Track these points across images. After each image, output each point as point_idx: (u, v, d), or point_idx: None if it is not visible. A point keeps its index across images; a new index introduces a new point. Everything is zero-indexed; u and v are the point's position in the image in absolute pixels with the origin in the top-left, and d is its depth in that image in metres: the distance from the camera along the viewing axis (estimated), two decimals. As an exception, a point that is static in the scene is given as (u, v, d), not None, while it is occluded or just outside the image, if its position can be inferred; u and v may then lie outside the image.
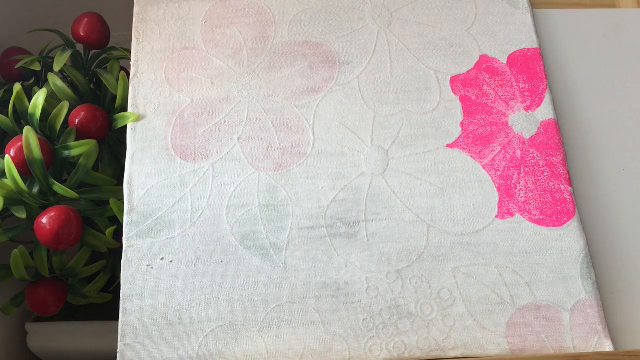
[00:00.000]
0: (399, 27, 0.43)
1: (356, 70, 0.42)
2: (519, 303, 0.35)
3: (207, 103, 0.40)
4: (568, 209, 0.38)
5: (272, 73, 0.41)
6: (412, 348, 0.34)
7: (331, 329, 0.35)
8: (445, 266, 0.36)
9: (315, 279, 0.36)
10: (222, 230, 0.37)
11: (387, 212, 0.37)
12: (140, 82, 0.41)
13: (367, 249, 0.36)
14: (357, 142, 0.39)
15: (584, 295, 0.36)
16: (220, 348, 0.34)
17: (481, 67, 0.42)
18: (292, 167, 0.39)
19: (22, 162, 0.39)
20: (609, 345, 0.34)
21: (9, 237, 0.40)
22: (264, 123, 0.40)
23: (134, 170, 0.38)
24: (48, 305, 0.42)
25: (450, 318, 0.35)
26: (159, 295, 0.35)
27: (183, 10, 0.43)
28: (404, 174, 0.39)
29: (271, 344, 0.34)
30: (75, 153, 0.41)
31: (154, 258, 0.36)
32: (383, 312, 0.35)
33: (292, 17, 0.43)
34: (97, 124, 0.43)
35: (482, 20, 0.43)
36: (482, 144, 0.40)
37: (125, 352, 0.34)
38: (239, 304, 0.35)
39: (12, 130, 0.43)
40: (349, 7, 0.44)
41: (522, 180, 0.39)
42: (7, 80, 0.51)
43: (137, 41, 0.42)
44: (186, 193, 0.38)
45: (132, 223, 0.37)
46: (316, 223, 0.37)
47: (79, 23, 0.49)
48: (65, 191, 0.39)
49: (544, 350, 0.34)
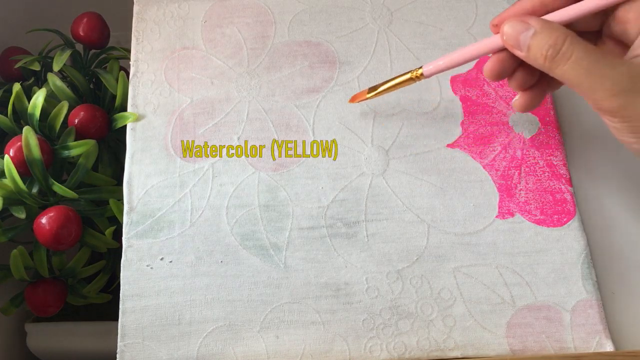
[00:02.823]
0: (399, 26, 0.43)
1: (356, 70, 0.42)
2: (519, 303, 0.35)
3: (207, 103, 0.40)
4: (568, 209, 0.38)
5: (272, 73, 0.41)
6: (412, 348, 0.34)
7: (331, 329, 0.35)
8: (446, 266, 0.36)
9: (315, 279, 0.36)
10: (222, 230, 0.37)
11: (387, 212, 0.37)
12: (139, 82, 0.41)
13: (367, 249, 0.36)
14: (357, 142, 0.39)
15: (584, 296, 0.36)
16: (220, 348, 0.34)
17: (481, 67, 0.42)
18: (292, 167, 0.39)
19: (22, 162, 0.39)
20: (609, 346, 0.34)
21: (9, 237, 0.40)
22: (264, 123, 0.40)
23: (133, 170, 0.38)
24: (48, 306, 0.42)
25: (451, 318, 0.35)
26: (158, 296, 0.35)
27: (183, 10, 0.43)
28: (404, 174, 0.38)
29: (271, 344, 0.34)
30: (75, 153, 0.41)
31: (154, 258, 0.36)
32: (383, 312, 0.35)
33: (292, 17, 0.43)
34: (96, 124, 0.43)
35: (483, 20, 0.43)
36: (482, 143, 0.40)
37: (125, 353, 0.34)
38: (238, 304, 0.35)
39: (12, 130, 0.43)
40: (349, 7, 0.44)
41: (522, 180, 0.39)
42: (7, 80, 0.51)
43: (136, 41, 0.42)
44: (186, 193, 0.37)
45: (132, 223, 0.37)
46: (316, 223, 0.37)
47: (78, 23, 0.49)
48: (65, 191, 0.39)
49: (545, 350, 0.34)
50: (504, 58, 0.32)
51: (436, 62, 0.33)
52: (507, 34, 0.30)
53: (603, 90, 0.28)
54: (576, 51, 0.28)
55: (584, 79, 0.28)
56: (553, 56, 0.29)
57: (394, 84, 0.36)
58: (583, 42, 0.28)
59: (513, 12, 0.31)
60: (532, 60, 0.30)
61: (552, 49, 0.29)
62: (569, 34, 0.29)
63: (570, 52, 0.28)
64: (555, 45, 0.29)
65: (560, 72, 0.29)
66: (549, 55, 0.29)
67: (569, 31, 0.29)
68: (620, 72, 0.28)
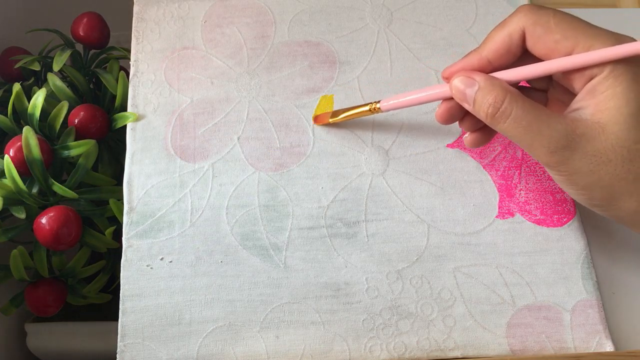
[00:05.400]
0: (399, 26, 0.43)
1: (356, 70, 0.42)
2: (519, 303, 0.35)
3: (207, 103, 0.40)
4: (569, 209, 0.38)
5: (272, 73, 0.41)
6: (412, 348, 0.34)
7: (331, 330, 0.35)
8: (446, 266, 0.36)
9: (315, 279, 0.36)
10: (221, 230, 0.37)
11: (387, 212, 0.37)
12: (139, 82, 0.41)
13: (367, 249, 0.36)
14: (357, 142, 0.39)
15: (584, 296, 0.36)
16: (220, 348, 0.34)
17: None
18: (292, 167, 0.39)
19: (22, 162, 0.39)
20: (609, 346, 0.34)
21: (8, 237, 0.40)
22: (263, 123, 0.40)
23: (133, 170, 0.38)
24: (47, 306, 0.42)
25: (451, 318, 0.35)
26: (158, 296, 0.35)
27: (183, 10, 0.43)
28: (404, 174, 0.39)
29: (271, 345, 0.34)
30: (75, 153, 0.41)
31: (154, 258, 0.36)
32: (383, 312, 0.35)
33: (292, 17, 0.43)
34: (96, 124, 0.43)
35: (483, 20, 0.43)
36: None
37: (124, 353, 0.34)
38: (238, 304, 0.35)
39: (12, 130, 0.43)
40: (349, 7, 0.44)
41: (522, 180, 0.39)
42: (7, 80, 0.51)
43: (136, 41, 0.42)
44: (186, 193, 0.37)
45: (132, 223, 0.37)
46: (316, 223, 0.37)
47: (78, 23, 0.49)
48: (65, 191, 0.39)
49: (545, 350, 0.34)
50: (453, 106, 0.33)
51: (392, 100, 0.35)
52: (455, 87, 0.31)
53: (541, 147, 0.29)
54: (515, 109, 0.29)
55: (522, 136, 0.29)
56: (493, 113, 0.30)
57: (354, 112, 0.38)
58: (522, 99, 0.29)
59: (461, 66, 0.32)
60: (476, 114, 0.31)
61: (491, 107, 0.30)
62: (509, 91, 0.30)
63: (509, 110, 0.29)
64: (495, 104, 0.30)
65: (501, 128, 0.30)
66: (490, 113, 0.30)
67: (510, 88, 0.30)
68: (557, 129, 0.29)
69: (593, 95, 0.29)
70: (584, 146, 0.28)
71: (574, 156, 0.29)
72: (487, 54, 0.32)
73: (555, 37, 0.30)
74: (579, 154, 0.29)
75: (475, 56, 0.32)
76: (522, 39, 0.31)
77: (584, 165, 0.29)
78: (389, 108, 0.36)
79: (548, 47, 0.30)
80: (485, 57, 0.32)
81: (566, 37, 0.29)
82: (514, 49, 0.31)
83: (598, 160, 0.28)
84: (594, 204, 0.31)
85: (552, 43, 0.30)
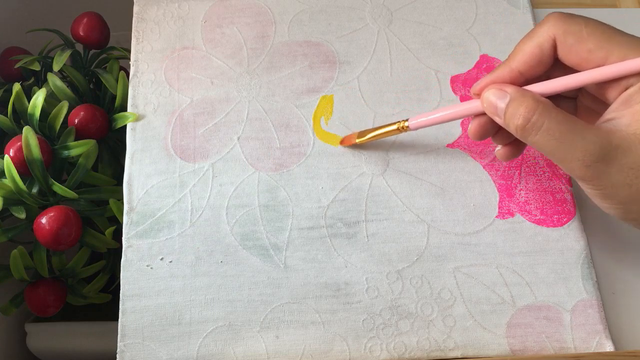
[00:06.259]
0: (399, 26, 0.43)
1: (356, 70, 0.42)
2: (519, 303, 0.35)
3: (207, 103, 0.40)
4: (569, 209, 0.38)
5: (272, 73, 0.41)
6: (412, 348, 0.34)
7: (331, 330, 0.35)
8: (446, 266, 0.36)
9: (315, 279, 0.36)
10: (221, 230, 0.37)
11: (387, 212, 0.37)
12: (139, 82, 0.41)
13: (367, 249, 0.36)
14: (357, 142, 0.39)
15: (584, 296, 0.36)
16: (220, 348, 0.34)
17: (482, 66, 0.42)
18: (292, 167, 0.38)
19: (22, 162, 0.39)
20: (609, 346, 0.34)
21: (8, 237, 0.40)
22: (263, 123, 0.40)
23: (133, 170, 0.38)
24: (47, 306, 0.42)
25: (451, 318, 0.35)
26: (158, 296, 0.35)
27: (183, 10, 0.43)
28: (404, 173, 0.38)
29: (271, 345, 0.34)
30: (75, 153, 0.41)
31: (154, 258, 0.36)
32: (383, 312, 0.35)
33: (292, 17, 0.43)
34: (96, 124, 0.43)
35: (483, 20, 0.43)
36: (482, 143, 0.40)
37: (124, 353, 0.34)
38: (238, 304, 0.35)
39: (12, 130, 0.43)
40: (349, 7, 0.44)
41: (522, 180, 0.39)
42: (7, 80, 0.51)
43: (136, 41, 0.42)
44: (186, 193, 0.37)
45: (132, 223, 0.37)
46: (316, 223, 0.37)
47: (78, 23, 0.49)
48: (65, 191, 0.39)
49: (545, 350, 0.34)
50: (485, 122, 0.33)
51: (421, 118, 0.34)
52: (487, 100, 0.31)
53: (575, 161, 0.28)
54: (547, 121, 0.28)
55: (555, 149, 0.28)
56: (524, 125, 0.29)
57: (382, 132, 0.37)
58: (555, 111, 0.29)
59: (491, 80, 0.32)
60: (506, 127, 0.30)
61: (522, 118, 0.29)
62: (541, 102, 0.29)
63: (541, 122, 0.28)
64: (526, 115, 0.29)
65: (532, 141, 0.29)
66: (520, 125, 0.29)
67: (542, 99, 0.29)
68: (591, 141, 0.28)
69: (629, 105, 0.28)
70: (620, 159, 0.27)
71: (610, 169, 0.27)
72: (518, 65, 0.31)
73: (589, 47, 0.29)
74: (615, 166, 0.27)
75: (506, 69, 0.31)
76: (553, 48, 0.30)
77: (620, 178, 0.27)
78: (418, 126, 0.35)
79: (581, 57, 0.29)
80: (515, 69, 0.31)
81: (600, 46, 0.28)
82: (545, 59, 0.30)
83: (636, 172, 0.27)
84: (631, 218, 0.29)
85: (585, 53, 0.29)
